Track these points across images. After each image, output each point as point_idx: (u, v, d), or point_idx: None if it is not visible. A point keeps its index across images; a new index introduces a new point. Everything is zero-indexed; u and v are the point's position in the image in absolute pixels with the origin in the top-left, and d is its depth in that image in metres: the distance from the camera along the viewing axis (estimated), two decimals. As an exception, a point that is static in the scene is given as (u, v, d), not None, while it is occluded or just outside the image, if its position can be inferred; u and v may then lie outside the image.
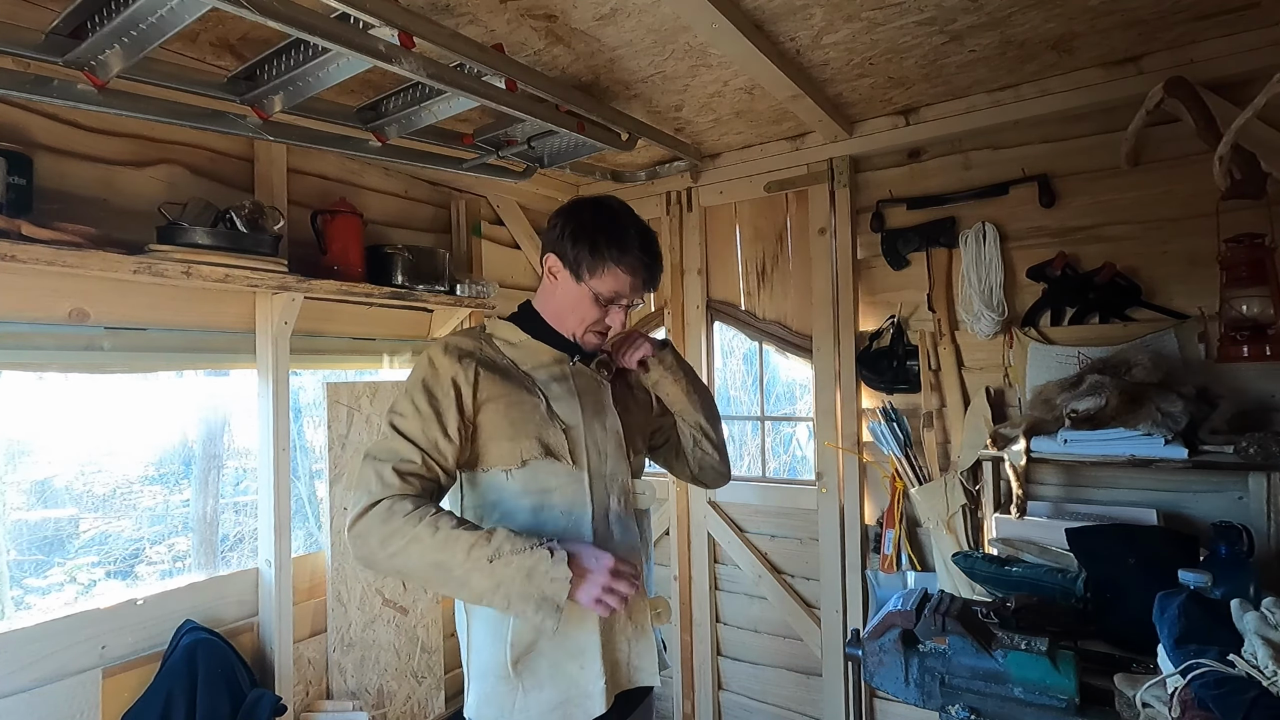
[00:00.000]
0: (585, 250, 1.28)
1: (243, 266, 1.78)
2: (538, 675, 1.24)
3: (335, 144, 1.91)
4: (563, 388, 1.33)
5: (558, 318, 1.37)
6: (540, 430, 1.27)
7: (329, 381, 2.25)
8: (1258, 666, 1.08)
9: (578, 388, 1.34)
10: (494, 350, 1.33)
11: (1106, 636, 1.59)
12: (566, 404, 1.31)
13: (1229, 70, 1.81)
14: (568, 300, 1.33)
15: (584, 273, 1.29)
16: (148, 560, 2.20)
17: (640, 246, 1.30)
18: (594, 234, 1.28)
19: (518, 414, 1.26)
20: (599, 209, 1.33)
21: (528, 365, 1.34)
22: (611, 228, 1.30)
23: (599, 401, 1.37)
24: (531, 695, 1.23)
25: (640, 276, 1.31)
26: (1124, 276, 2.03)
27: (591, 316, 1.33)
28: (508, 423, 1.25)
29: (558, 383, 1.33)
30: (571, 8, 1.57)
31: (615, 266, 1.28)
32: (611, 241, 1.28)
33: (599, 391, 1.38)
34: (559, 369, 1.35)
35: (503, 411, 1.26)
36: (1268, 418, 1.81)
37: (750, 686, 2.73)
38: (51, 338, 1.66)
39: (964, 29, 1.73)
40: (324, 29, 1.31)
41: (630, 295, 1.33)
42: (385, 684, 2.27)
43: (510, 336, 1.37)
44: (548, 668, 1.24)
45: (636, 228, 1.32)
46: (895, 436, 2.31)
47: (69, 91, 1.41)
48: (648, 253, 1.31)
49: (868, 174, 2.49)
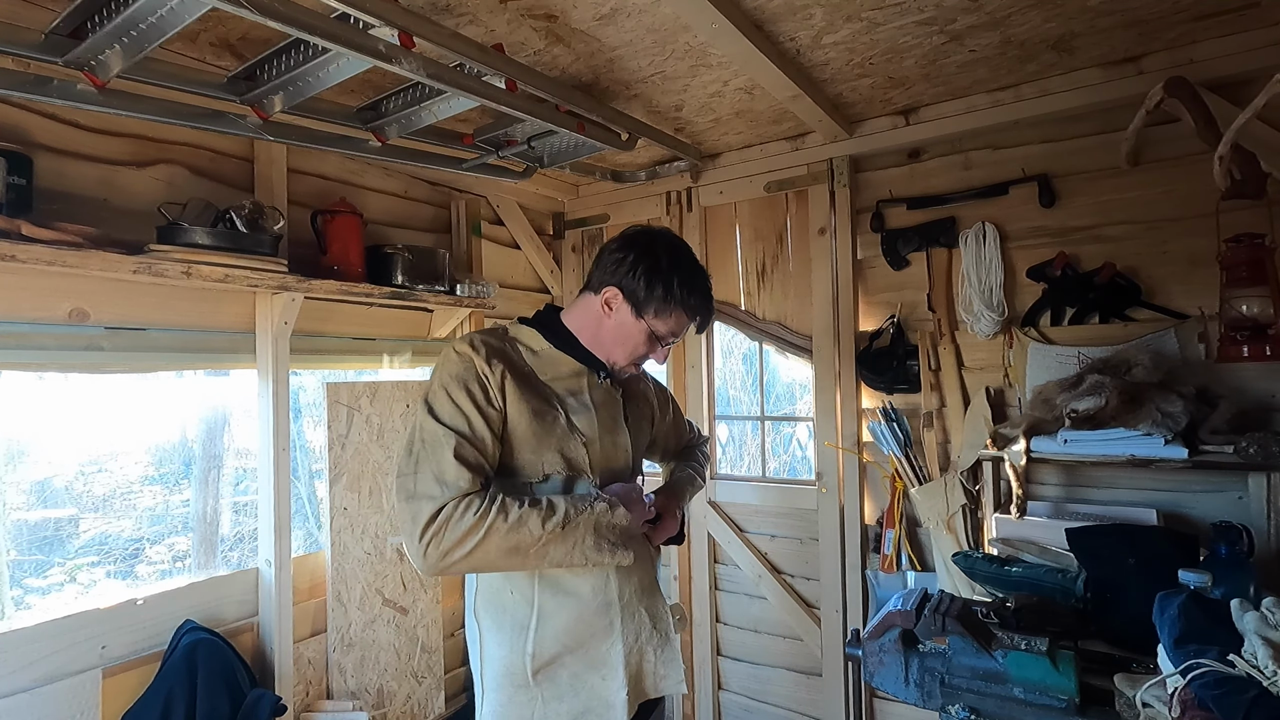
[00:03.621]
0: (658, 291, 1.27)
1: (243, 266, 1.78)
2: (558, 686, 1.23)
3: (335, 144, 1.91)
4: (579, 401, 1.33)
5: (598, 344, 1.34)
6: (562, 444, 1.26)
7: (329, 381, 2.25)
8: (1258, 666, 1.08)
9: (594, 401, 1.34)
10: (517, 355, 1.31)
11: (1106, 636, 1.59)
12: (584, 417, 1.31)
13: (1229, 70, 1.81)
14: (620, 332, 1.32)
15: (649, 312, 1.29)
16: (148, 560, 2.20)
17: (705, 291, 1.32)
18: (669, 277, 1.27)
19: (540, 425, 1.24)
20: (672, 250, 1.32)
21: (547, 375, 1.32)
22: (687, 272, 1.30)
23: (613, 417, 1.38)
24: (551, 706, 1.23)
25: (700, 319, 1.34)
26: (1124, 276, 2.03)
27: (641, 351, 1.34)
28: (531, 434, 1.24)
29: (574, 396, 1.33)
30: (571, 8, 1.57)
31: (682, 310, 1.30)
32: (683, 285, 1.28)
33: (613, 407, 1.39)
34: (576, 382, 1.34)
35: (526, 421, 1.23)
36: (1268, 418, 1.81)
37: (750, 686, 2.73)
38: (51, 338, 1.66)
39: (964, 29, 1.73)
40: (324, 29, 1.31)
41: (682, 334, 1.35)
42: (385, 684, 2.27)
43: (532, 344, 1.34)
44: (569, 679, 1.24)
45: (700, 271, 1.34)
46: (895, 436, 2.31)
47: (69, 91, 1.41)
48: (709, 296, 1.34)
49: (868, 174, 2.49)
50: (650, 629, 1.30)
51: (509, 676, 1.25)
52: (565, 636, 1.24)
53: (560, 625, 1.24)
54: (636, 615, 1.29)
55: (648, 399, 1.55)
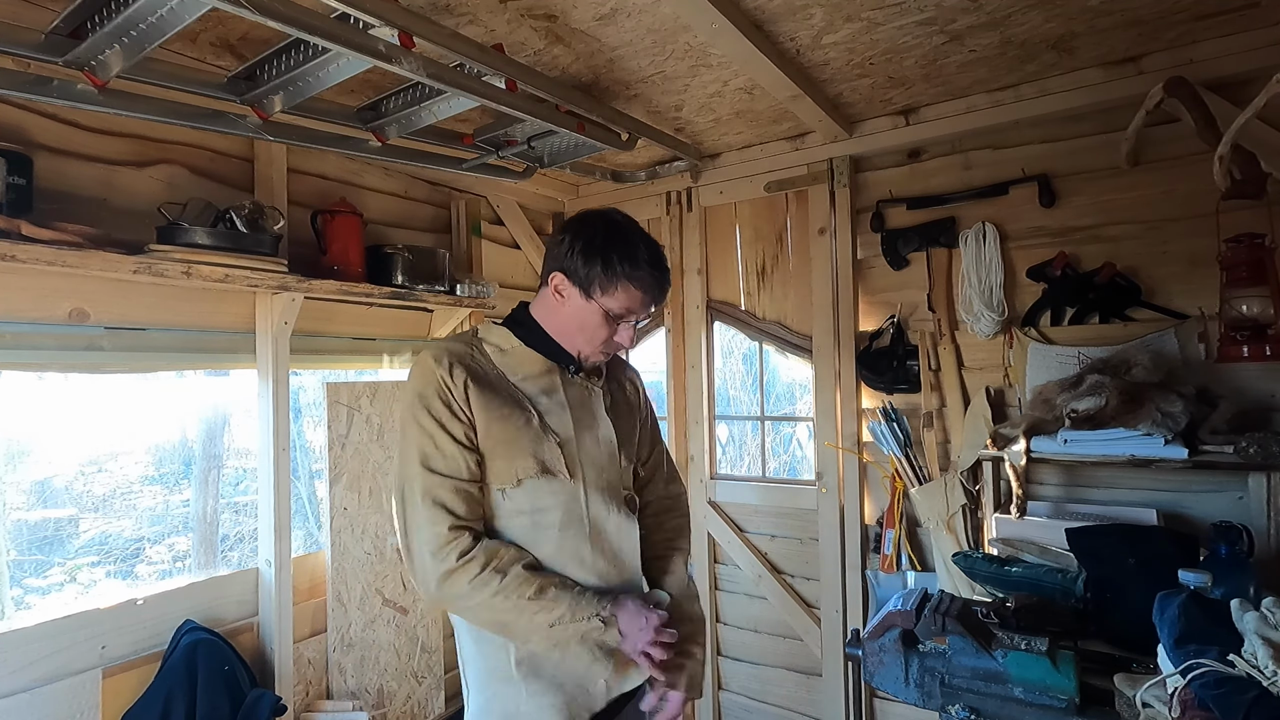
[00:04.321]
0: (597, 267, 1.25)
1: (243, 266, 1.78)
2: (541, 678, 1.24)
3: (335, 144, 1.91)
4: (553, 400, 1.30)
5: (563, 334, 1.33)
6: (535, 446, 1.25)
7: (329, 381, 2.25)
8: (1258, 666, 1.08)
9: (569, 399, 1.32)
10: (484, 358, 1.30)
11: (1106, 636, 1.59)
12: (558, 416, 1.29)
13: (1229, 70, 1.81)
14: (576, 318, 1.30)
15: (595, 290, 1.26)
16: (148, 560, 2.20)
17: (650, 261, 1.27)
18: (605, 250, 1.25)
19: (510, 430, 1.23)
20: (608, 225, 1.30)
21: (517, 375, 1.30)
22: (622, 244, 1.27)
23: (590, 412, 1.34)
24: (536, 700, 1.23)
25: (651, 293, 1.29)
26: (1124, 276, 2.03)
27: (601, 335, 1.30)
28: (498, 441, 1.23)
29: (547, 395, 1.30)
30: (571, 8, 1.57)
31: (627, 283, 1.26)
32: (624, 258, 1.25)
33: (590, 401, 1.35)
34: (549, 380, 1.32)
35: (495, 428, 1.23)
36: (1268, 418, 1.81)
37: (750, 686, 2.73)
38: (51, 338, 1.66)
39: (964, 29, 1.73)
40: (324, 29, 1.31)
41: (640, 311, 1.31)
42: (385, 684, 2.27)
43: (501, 343, 1.32)
44: (551, 670, 1.24)
45: (645, 242, 1.30)
46: (895, 436, 2.31)
47: (69, 91, 1.41)
48: (657, 267, 1.29)
49: (868, 174, 2.49)
50: None
51: (492, 672, 1.26)
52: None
53: None
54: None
55: (635, 387, 1.51)
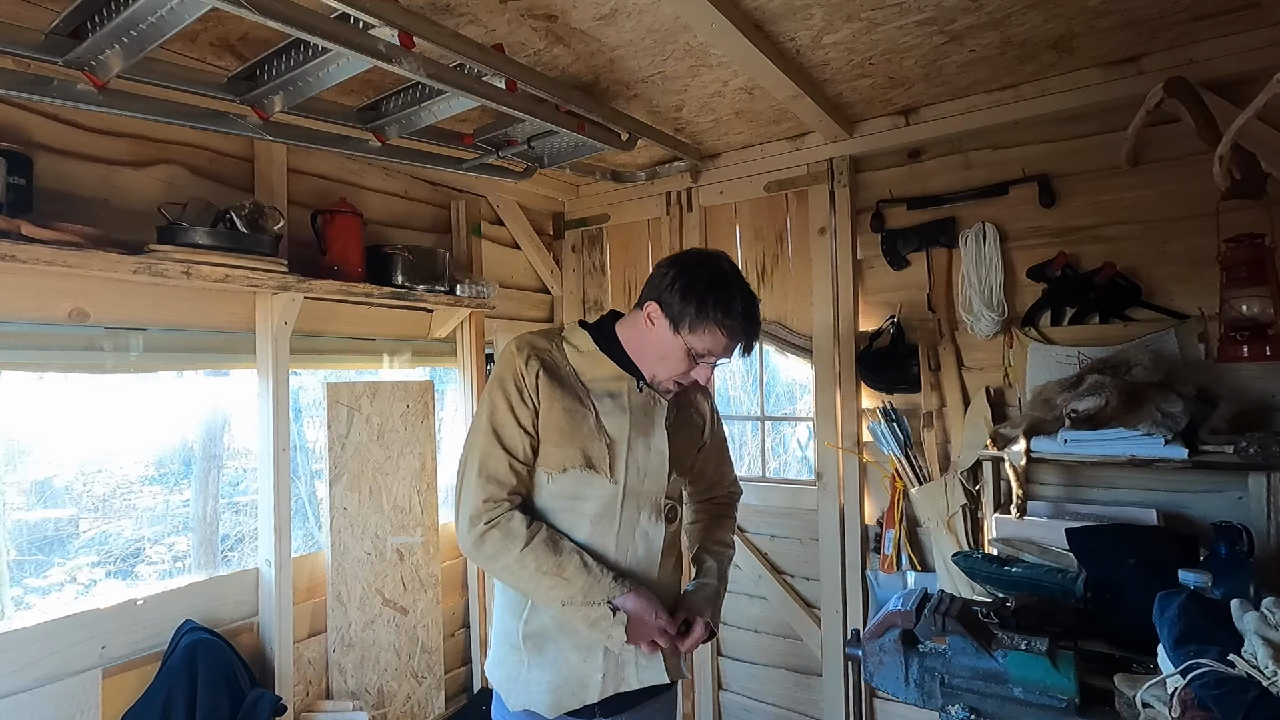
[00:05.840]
0: (692, 307, 1.29)
1: (243, 266, 1.78)
2: (543, 655, 1.34)
3: (335, 144, 1.91)
4: (615, 403, 1.37)
5: (642, 357, 1.38)
6: (586, 441, 1.33)
7: (329, 381, 2.25)
8: (1258, 666, 1.08)
9: (631, 404, 1.38)
10: (561, 354, 1.39)
11: (1106, 636, 1.59)
12: (615, 419, 1.36)
13: (1229, 70, 1.81)
14: (660, 348, 1.34)
15: (684, 327, 1.30)
16: (148, 560, 2.20)
17: (744, 313, 1.31)
18: (703, 293, 1.29)
19: (568, 422, 1.32)
20: (713, 269, 1.34)
21: (588, 375, 1.38)
22: (721, 290, 1.30)
23: (650, 420, 1.39)
24: (535, 672, 1.34)
25: (737, 340, 1.33)
26: (1124, 276, 2.03)
27: (680, 368, 1.35)
28: (557, 429, 1.32)
29: (611, 397, 1.37)
30: (571, 8, 1.57)
31: (716, 328, 1.30)
32: (718, 304, 1.29)
33: (652, 410, 1.40)
34: (616, 385, 1.38)
35: (555, 416, 1.32)
36: (1268, 418, 1.81)
37: (750, 686, 2.73)
38: (51, 338, 1.66)
39: (964, 29, 1.73)
40: (324, 29, 1.31)
41: (721, 355, 1.35)
42: (385, 684, 2.27)
43: (581, 344, 1.41)
44: (553, 651, 1.34)
45: (743, 295, 1.33)
46: (895, 436, 2.31)
47: (69, 91, 1.41)
48: (749, 319, 1.32)
49: (868, 174, 2.49)
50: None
51: (506, 636, 1.39)
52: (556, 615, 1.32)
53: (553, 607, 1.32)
54: None
55: (700, 414, 1.54)
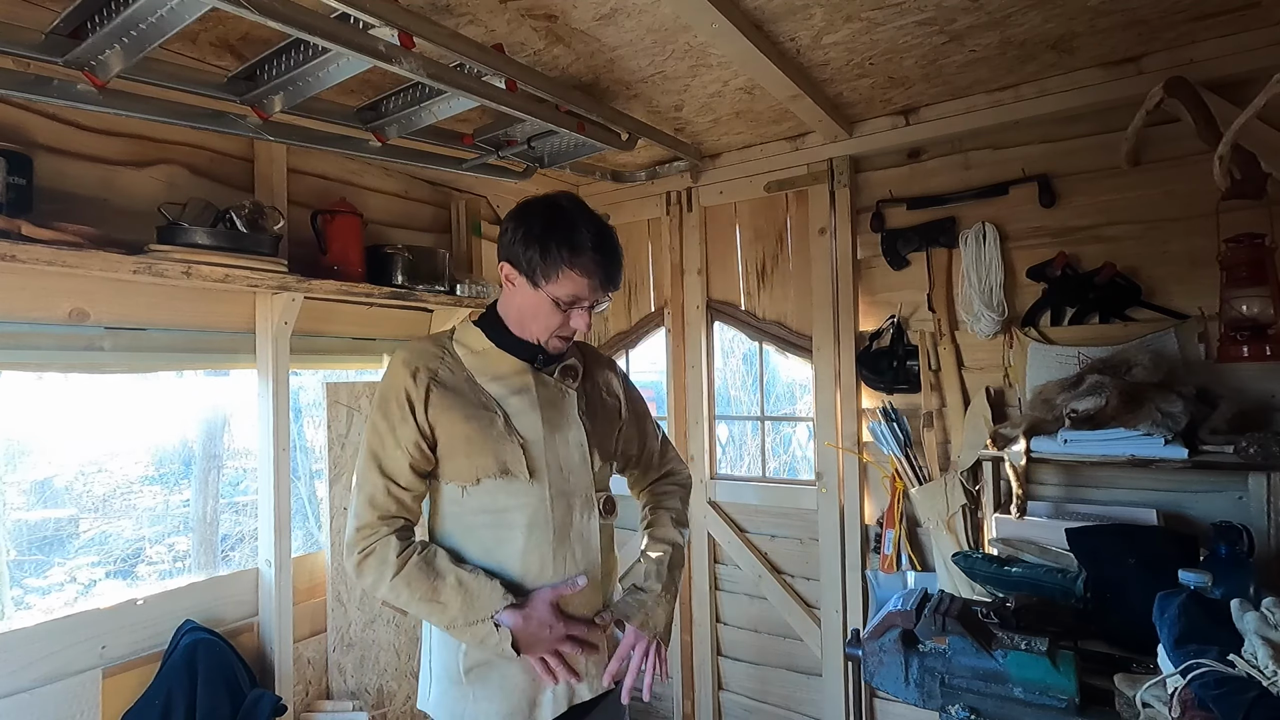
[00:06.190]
0: (537, 255, 1.22)
1: (243, 266, 1.78)
2: (489, 685, 1.26)
3: (335, 144, 1.91)
4: (523, 400, 1.30)
5: (520, 324, 1.31)
6: (497, 447, 1.25)
7: (329, 381, 2.25)
8: (1258, 666, 1.08)
9: (540, 399, 1.31)
10: (453, 360, 1.31)
11: (1106, 636, 1.59)
12: (526, 418, 1.29)
13: (1229, 70, 1.81)
14: (528, 307, 1.28)
15: (539, 278, 1.23)
16: (148, 560, 2.20)
17: (594, 246, 1.23)
18: (544, 237, 1.22)
19: (473, 430, 1.24)
20: (549, 209, 1.26)
21: (487, 376, 1.30)
22: (563, 229, 1.23)
23: (562, 413, 1.33)
24: (481, 704, 1.25)
25: (597, 277, 1.24)
26: (1124, 276, 2.03)
27: (554, 322, 1.27)
28: (462, 440, 1.24)
29: (517, 395, 1.30)
30: (571, 8, 1.57)
31: (569, 270, 1.22)
32: (563, 243, 1.21)
33: (562, 402, 1.34)
34: (520, 380, 1.31)
35: (458, 427, 1.24)
36: (1268, 418, 1.81)
37: (750, 686, 2.73)
38: (51, 338, 1.66)
39: (964, 29, 1.73)
40: (324, 29, 1.31)
41: (590, 296, 1.26)
42: (385, 684, 2.27)
43: (473, 344, 1.33)
44: (499, 679, 1.26)
45: (590, 226, 1.24)
46: (895, 436, 2.31)
47: (69, 91, 1.41)
48: (602, 251, 1.24)
49: (868, 174, 2.49)
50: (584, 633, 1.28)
51: (446, 672, 1.29)
52: None
53: None
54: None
55: (612, 393, 1.47)
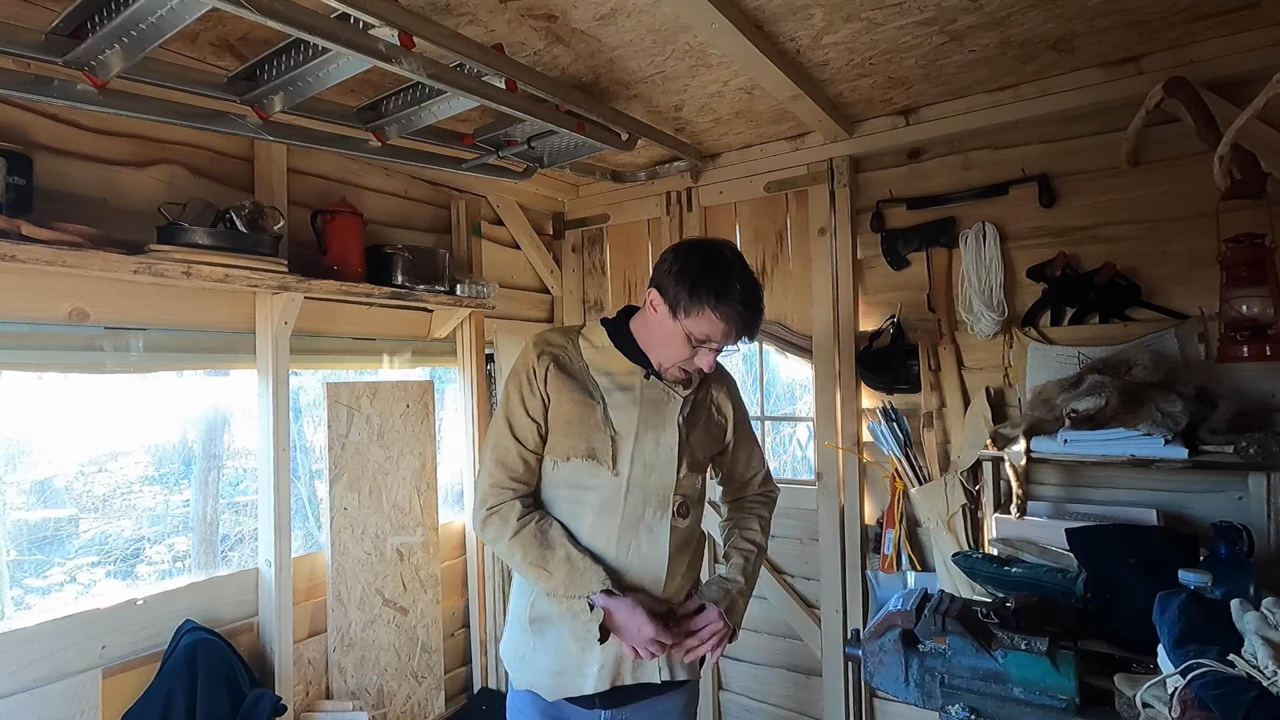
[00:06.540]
0: (685, 291, 1.30)
1: (243, 266, 1.78)
2: (546, 640, 1.39)
3: (335, 144, 1.91)
4: (626, 396, 1.40)
5: (649, 345, 1.40)
6: (590, 433, 1.37)
7: (329, 381, 2.25)
8: (1258, 666, 1.08)
9: (642, 398, 1.40)
10: (575, 350, 1.44)
11: (1106, 636, 1.59)
12: (624, 412, 1.39)
13: (1229, 70, 1.81)
14: (662, 333, 1.36)
15: (680, 312, 1.31)
16: (148, 560, 2.20)
17: (741, 299, 1.30)
18: (697, 277, 1.30)
19: (576, 413, 1.37)
20: (711, 253, 1.35)
21: (601, 370, 1.42)
22: (718, 275, 1.31)
23: (661, 415, 1.41)
24: (538, 654, 1.40)
25: (734, 325, 1.32)
26: (1124, 276, 2.03)
27: (682, 354, 1.36)
28: (564, 420, 1.37)
29: (622, 391, 1.40)
30: (571, 8, 1.57)
31: (711, 312, 1.30)
32: (712, 288, 1.29)
33: (664, 405, 1.41)
34: (629, 379, 1.41)
35: (564, 408, 1.37)
36: (1268, 418, 1.81)
37: (750, 686, 2.73)
38: (51, 338, 1.66)
39: (964, 29, 1.73)
40: (324, 29, 1.31)
41: (721, 341, 1.34)
42: (385, 684, 2.27)
43: (596, 339, 1.45)
44: (555, 638, 1.38)
45: (742, 279, 1.32)
46: (895, 436, 2.31)
47: (69, 91, 1.41)
48: (747, 305, 1.32)
49: (868, 174, 2.49)
50: None
51: (516, 618, 1.47)
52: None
53: None
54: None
55: (722, 412, 1.53)
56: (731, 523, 1.62)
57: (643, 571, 1.38)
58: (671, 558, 1.40)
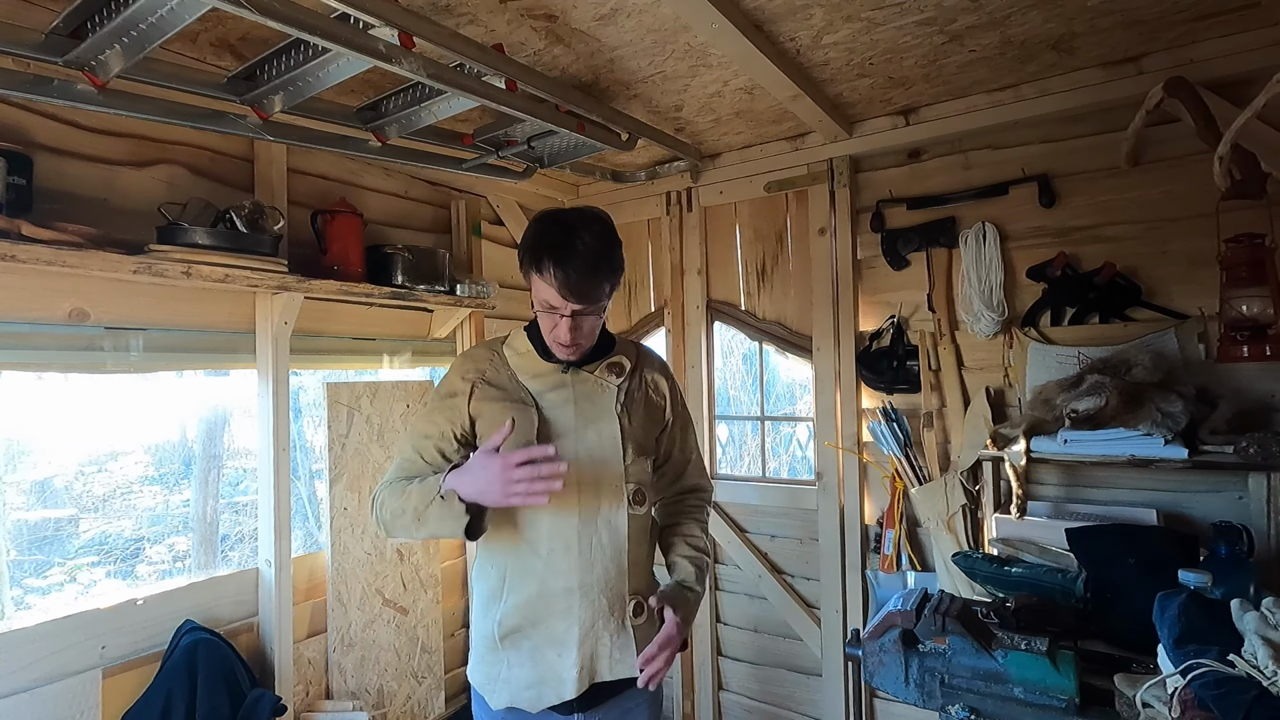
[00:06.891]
0: (526, 256, 1.30)
1: (243, 266, 1.78)
2: (521, 653, 1.35)
3: (335, 144, 1.91)
4: (559, 395, 1.38)
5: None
6: (528, 437, 1.33)
7: (329, 381, 2.25)
8: (1258, 666, 1.08)
9: (575, 393, 1.38)
10: (500, 361, 1.42)
11: (1106, 636, 1.59)
12: (560, 410, 1.37)
13: (1229, 70, 1.81)
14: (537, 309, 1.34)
15: (529, 281, 1.32)
16: (148, 560, 2.20)
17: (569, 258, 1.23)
18: (534, 241, 1.29)
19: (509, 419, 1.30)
20: (553, 217, 1.32)
21: (528, 374, 1.39)
22: (548, 236, 1.27)
23: (597, 406, 1.39)
24: (514, 670, 1.35)
25: (560, 285, 1.24)
26: (1124, 276, 2.03)
27: (547, 325, 1.33)
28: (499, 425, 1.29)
29: (553, 391, 1.38)
30: (571, 8, 1.57)
31: (539, 276, 1.27)
32: (541, 249, 1.26)
33: (600, 396, 1.40)
34: (557, 378, 1.39)
35: (497, 416, 1.33)
36: (1268, 418, 1.81)
37: (750, 686, 2.73)
38: (51, 338, 1.66)
39: (964, 29, 1.73)
40: (324, 29, 1.31)
41: (560, 305, 1.27)
42: (385, 684, 2.27)
43: (519, 346, 1.43)
44: (529, 649, 1.35)
45: (583, 238, 1.25)
46: (895, 436, 2.31)
47: (69, 91, 1.41)
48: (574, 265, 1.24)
49: (868, 174, 2.49)
50: (608, 615, 1.35)
51: (484, 639, 1.40)
52: (527, 611, 1.34)
53: (523, 600, 1.34)
54: (595, 602, 1.34)
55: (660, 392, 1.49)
56: (673, 525, 1.54)
57: (606, 564, 1.35)
58: (632, 547, 1.38)
